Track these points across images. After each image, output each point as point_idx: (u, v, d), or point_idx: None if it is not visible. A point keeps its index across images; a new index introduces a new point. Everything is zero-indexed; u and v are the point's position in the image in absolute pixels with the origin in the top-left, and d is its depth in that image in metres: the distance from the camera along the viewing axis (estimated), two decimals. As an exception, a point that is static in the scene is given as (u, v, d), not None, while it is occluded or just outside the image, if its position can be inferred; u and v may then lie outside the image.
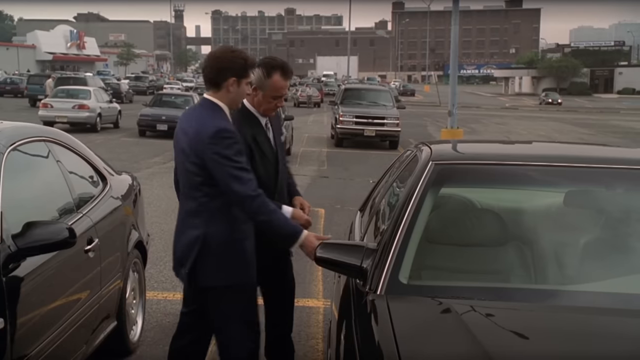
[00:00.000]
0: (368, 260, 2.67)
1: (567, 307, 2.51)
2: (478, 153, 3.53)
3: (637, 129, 33.14)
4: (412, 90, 76.55)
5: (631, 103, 63.46)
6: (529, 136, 26.85)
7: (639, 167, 3.07)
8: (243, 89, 3.29)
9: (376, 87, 27.30)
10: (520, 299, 2.55)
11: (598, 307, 2.49)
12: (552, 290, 2.70)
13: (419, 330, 2.27)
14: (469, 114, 40.18)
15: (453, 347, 2.12)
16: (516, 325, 2.31)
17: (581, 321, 2.39)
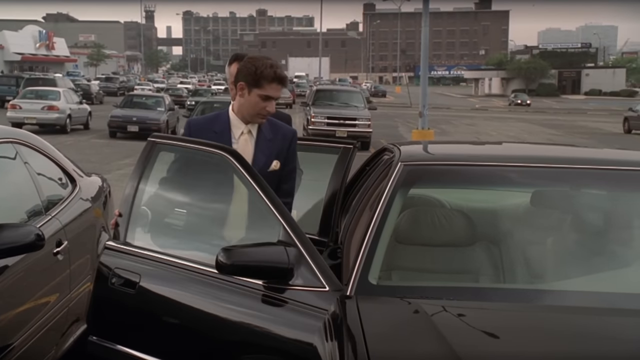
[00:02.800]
0: (295, 260, 2.57)
1: (536, 306, 2.53)
2: (447, 154, 3.56)
3: (603, 129, 33.64)
4: (384, 91, 76.85)
5: (598, 104, 64.39)
6: (499, 137, 27.13)
7: (604, 167, 3.10)
8: (252, 99, 3.21)
9: (348, 88, 27.39)
10: (490, 298, 2.57)
11: (567, 306, 2.51)
12: (521, 289, 2.72)
13: (389, 331, 2.28)
14: (440, 115, 40.48)
15: (423, 347, 2.14)
16: (486, 325, 2.33)
17: (550, 320, 2.41)
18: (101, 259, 3.10)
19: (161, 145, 3.13)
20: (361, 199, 3.34)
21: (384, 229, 2.71)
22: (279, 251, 2.56)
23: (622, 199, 3.13)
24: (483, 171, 3.11)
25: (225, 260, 2.50)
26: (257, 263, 2.54)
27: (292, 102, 45.72)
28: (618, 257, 2.79)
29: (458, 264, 2.93)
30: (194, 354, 2.80)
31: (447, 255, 2.97)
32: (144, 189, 3.10)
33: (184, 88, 46.82)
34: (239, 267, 2.53)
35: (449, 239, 3.04)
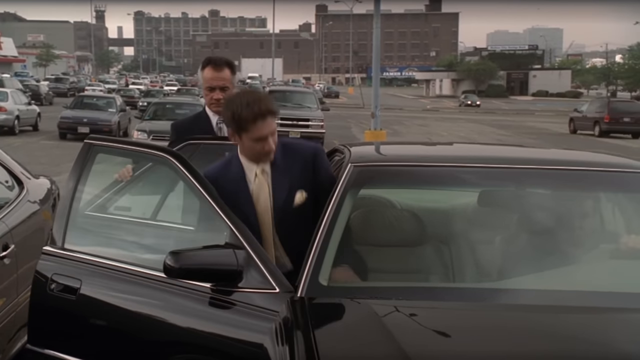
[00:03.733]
0: (243, 261, 2.55)
1: (487, 305, 2.56)
2: (396, 155, 3.58)
3: (550, 130, 34.35)
4: (337, 92, 77.10)
5: (545, 105, 65.69)
6: (450, 137, 27.48)
7: (548, 167, 3.17)
8: (246, 143, 2.92)
9: (301, 89, 27.47)
10: (440, 298, 2.60)
11: (517, 304, 2.55)
12: (471, 288, 2.76)
13: (339, 332, 2.29)
14: (392, 115, 40.81)
15: (373, 348, 2.14)
16: (437, 324, 2.35)
17: (501, 318, 2.45)
18: (38, 265, 2.99)
19: (98, 147, 3.09)
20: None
21: (334, 230, 2.71)
22: (228, 254, 2.56)
23: (567, 198, 3.19)
24: (431, 172, 3.15)
25: (173, 263, 2.49)
26: (205, 266, 2.54)
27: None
28: (565, 255, 2.84)
29: (408, 264, 2.96)
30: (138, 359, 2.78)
31: (398, 255, 2.99)
32: (82, 193, 3.05)
33: (135, 89, 46.26)
34: (187, 270, 2.52)
35: (399, 239, 3.06)
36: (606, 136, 29.64)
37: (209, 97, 3.83)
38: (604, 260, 2.90)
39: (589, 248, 2.93)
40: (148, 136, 15.98)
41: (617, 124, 29.93)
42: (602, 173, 3.16)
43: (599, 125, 30.29)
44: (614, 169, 3.21)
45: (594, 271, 2.81)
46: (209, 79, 3.79)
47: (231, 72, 3.83)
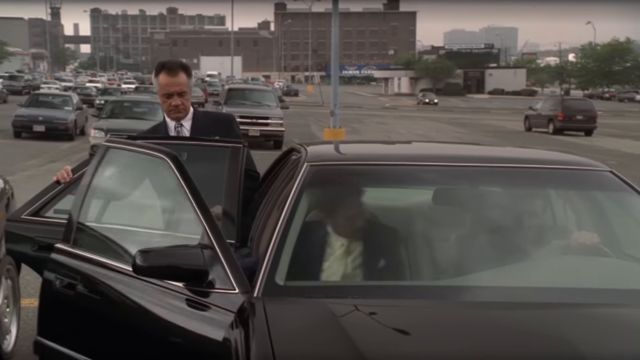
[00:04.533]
0: (211, 262, 2.57)
1: (445, 302, 2.58)
2: (352, 154, 3.60)
3: (506, 127, 34.90)
4: (296, 90, 77.15)
5: (501, 103, 66.63)
6: (408, 135, 27.75)
7: (501, 165, 3.22)
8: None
9: (260, 87, 27.48)
10: (397, 296, 2.62)
11: (474, 302, 2.58)
12: (428, 286, 2.78)
13: (296, 332, 2.29)
14: (351, 113, 41.01)
15: (329, 347, 2.15)
16: (394, 323, 2.36)
17: (459, 315, 2.47)
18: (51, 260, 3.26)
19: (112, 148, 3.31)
20: (269, 199, 3.34)
21: (290, 230, 2.72)
22: (195, 253, 2.58)
23: (520, 195, 3.23)
24: (387, 170, 3.18)
25: (141, 262, 2.54)
26: (171, 265, 2.57)
27: (204, 101, 45.32)
28: (519, 252, 2.87)
29: (366, 263, 2.94)
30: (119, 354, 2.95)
31: (355, 254, 2.95)
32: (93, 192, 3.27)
33: (92, 87, 45.65)
34: (154, 269, 2.56)
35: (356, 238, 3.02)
36: (560, 133, 30.25)
37: (166, 104, 3.71)
38: (557, 256, 2.94)
39: (542, 244, 2.96)
40: (105, 134, 15.84)
41: (570, 121, 30.58)
42: (554, 170, 3.22)
43: (553, 123, 30.91)
44: (565, 167, 3.25)
45: (548, 267, 2.84)
46: (165, 85, 3.68)
47: (187, 76, 3.74)
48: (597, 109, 32.77)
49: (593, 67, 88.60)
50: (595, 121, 31.03)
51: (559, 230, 3.20)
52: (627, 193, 3.08)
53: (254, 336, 2.22)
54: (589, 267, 2.90)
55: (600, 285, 2.73)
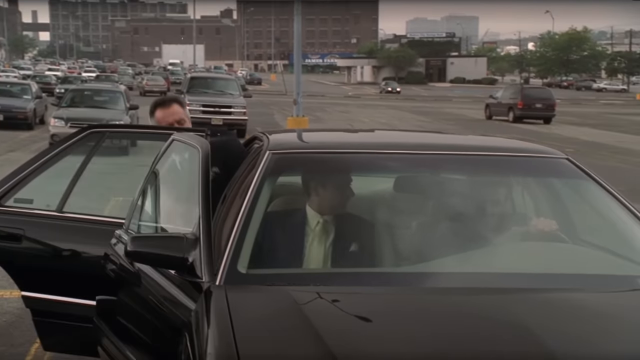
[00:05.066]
0: (192, 251, 2.61)
1: (407, 289, 2.61)
2: (314, 142, 3.60)
3: (467, 116, 35.28)
4: (259, 79, 76.82)
5: (462, 92, 67.24)
6: (371, 124, 27.87)
7: (461, 153, 3.27)
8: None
9: (223, 76, 27.40)
10: (359, 283, 2.65)
11: (436, 288, 2.63)
12: (392, 273, 2.81)
13: (257, 319, 2.30)
14: (314, 102, 41.04)
15: (291, 335, 2.17)
16: (356, 310, 2.38)
17: (422, 301, 2.50)
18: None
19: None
20: (231, 188, 3.32)
21: (252, 218, 2.74)
22: (178, 242, 2.65)
23: (479, 182, 3.26)
24: (349, 158, 3.20)
25: (131, 247, 2.66)
26: (154, 252, 2.66)
27: (166, 90, 44.93)
28: (480, 239, 2.91)
29: (328, 251, 2.96)
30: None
31: (318, 242, 2.99)
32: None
33: (52, 75, 44.91)
34: (140, 254, 2.68)
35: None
36: (520, 122, 30.68)
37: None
38: (516, 242, 2.98)
39: (502, 231, 3.00)
40: (66, 124, 15.63)
41: (529, 110, 31.04)
42: (512, 158, 3.26)
43: (513, 111, 31.34)
44: (523, 154, 3.29)
45: (508, 253, 2.89)
46: (162, 118, 3.95)
47: (180, 106, 4.01)
48: (555, 98, 33.34)
49: (552, 56, 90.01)
50: (553, 109, 31.55)
51: (518, 217, 3.24)
52: (583, 180, 3.13)
53: (216, 324, 2.23)
54: (547, 253, 2.94)
55: (558, 270, 2.78)
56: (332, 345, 2.06)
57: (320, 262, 2.93)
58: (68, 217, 3.74)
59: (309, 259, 2.94)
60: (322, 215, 3.01)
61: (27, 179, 3.77)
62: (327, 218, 3.01)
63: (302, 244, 2.96)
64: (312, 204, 3.04)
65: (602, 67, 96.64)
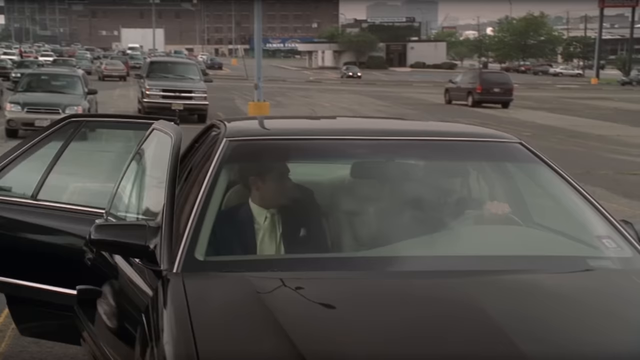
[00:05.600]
0: (155, 239, 2.62)
1: (367, 274, 2.63)
2: (272, 129, 3.60)
3: (427, 100, 35.52)
4: (220, 63, 76.28)
5: (422, 76, 67.61)
6: (332, 108, 27.93)
7: (417, 138, 3.30)
8: None
9: (183, 60, 27.15)
10: (319, 268, 2.67)
11: (395, 271, 2.65)
12: (349, 257, 2.85)
13: (215, 308, 2.29)
14: (276, 87, 40.92)
15: (249, 322, 2.16)
16: (316, 296, 2.40)
17: (381, 286, 2.52)
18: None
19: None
20: (189, 176, 3.32)
21: (210, 205, 2.73)
22: (140, 230, 2.68)
23: (435, 167, 3.32)
24: (306, 145, 3.20)
25: (94, 236, 2.68)
26: (116, 240, 2.68)
27: (126, 75, 44.36)
28: (436, 223, 2.95)
29: (287, 236, 2.98)
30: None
31: (276, 229, 3.00)
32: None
33: (8, 59, 43.94)
34: (103, 242, 2.71)
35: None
36: (479, 106, 31.01)
37: None
38: (471, 226, 3.03)
39: (457, 215, 3.05)
40: (22, 109, 15.38)
41: (488, 94, 31.39)
42: (467, 143, 3.30)
43: (472, 96, 31.66)
44: (478, 139, 3.34)
45: (463, 237, 2.93)
46: None
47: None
48: (513, 82, 33.75)
49: (510, 41, 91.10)
50: (511, 94, 31.96)
51: (473, 201, 3.29)
52: (536, 164, 3.17)
53: (173, 311, 2.23)
54: (502, 236, 2.99)
55: (514, 252, 2.84)
56: (295, 338, 2.03)
57: (280, 248, 2.94)
58: (41, 204, 3.83)
59: (267, 245, 2.96)
60: (267, 209, 3.00)
61: (6, 168, 3.89)
62: (273, 211, 3.01)
63: (254, 239, 2.95)
64: (254, 199, 3.04)
65: (559, 52, 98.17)
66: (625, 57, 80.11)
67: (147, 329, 2.36)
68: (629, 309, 2.41)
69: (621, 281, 2.66)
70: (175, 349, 2.02)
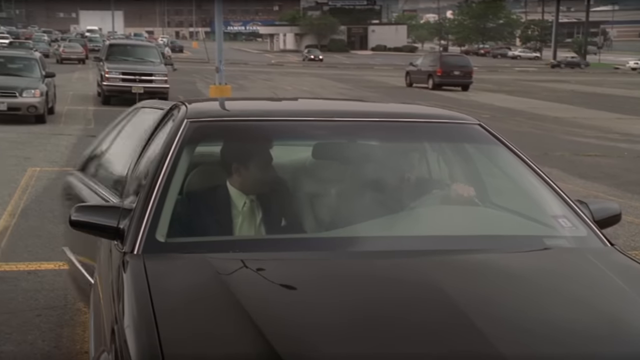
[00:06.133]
0: (125, 220, 2.64)
1: (327, 253, 2.63)
2: (233, 110, 3.57)
3: (388, 83, 35.71)
4: (181, 46, 75.51)
5: (383, 59, 67.84)
6: (294, 92, 27.89)
7: (377, 120, 3.33)
8: None
9: (143, 43, 26.82)
10: (280, 248, 2.68)
11: (357, 251, 2.66)
12: (310, 238, 2.85)
13: (176, 289, 2.29)
14: (237, 70, 40.68)
15: (211, 303, 2.16)
16: (276, 277, 2.40)
17: (343, 267, 2.53)
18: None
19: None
20: (150, 157, 3.28)
21: (170, 187, 2.73)
22: (114, 212, 2.71)
23: (396, 148, 3.34)
24: (267, 126, 3.20)
25: (72, 217, 2.72)
26: (91, 221, 2.72)
27: (85, 58, 43.64)
28: (397, 203, 2.96)
29: (249, 218, 2.98)
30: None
31: (238, 210, 3.00)
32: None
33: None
34: (81, 223, 2.73)
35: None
36: (439, 89, 31.30)
37: None
38: (431, 206, 3.06)
39: (418, 195, 3.08)
40: (-22, 93, 15.09)
41: (448, 77, 31.68)
42: (427, 124, 3.33)
43: (432, 79, 31.92)
44: (437, 120, 3.37)
45: (424, 217, 2.95)
46: None
47: None
48: (473, 65, 34.11)
49: (469, 24, 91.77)
50: (471, 76, 32.31)
51: (433, 182, 3.35)
52: (494, 145, 3.20)
53: (133, 292, 2.23)
54: (462, 216, 3.02)
55: (473, 232, 2.87)
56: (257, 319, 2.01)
57: (241, 229, 2.94)
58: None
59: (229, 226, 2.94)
60: (247, 195, 3.00)
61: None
62: (252, 197, 3.00)
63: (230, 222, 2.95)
64: (234, 183, 3.02)
65: (517, 35, 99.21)
66: (581, 40, 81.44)
67: (112, 311, 2.35)
68: (583, 287, 2.45)
69: (576, 259, 2.70)
70: (136, 333, 2.00)
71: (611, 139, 16.51)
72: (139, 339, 1.96)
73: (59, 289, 5.12)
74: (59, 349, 4.14)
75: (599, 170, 11.78)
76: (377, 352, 1.93)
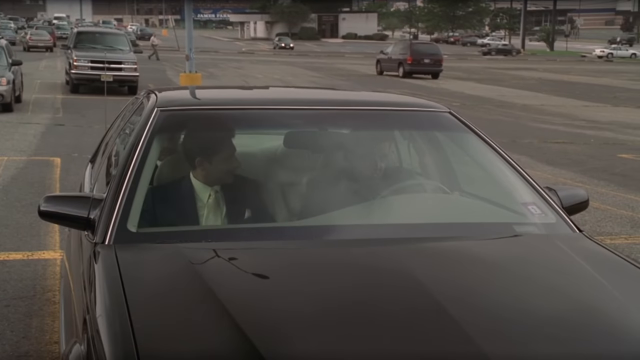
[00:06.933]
0: (96, 211, 2.61)
1: (300, 242, 2.63)
2: (203, 99, 3.54)
3: (359, 71, 35.72)
4: (150, 34, 74.53)
5: (354, 47, 67.85)
6: (265, 80, 27.81)
7: (348, 108, 3.34)
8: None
9: (112, 31, 26.46)
10: (253, 238, 2.65)
11: (330, 240, 2.66)
12: (283, 227, 2.86)
13: (148, 278, 2.29)
14: (208, 58, 40.43)
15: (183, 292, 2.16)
16: (250, 266, 2.39)
17: (317, 255, 2.52)
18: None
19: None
20: (120, 146, 3.26)
21: (142, 176, 2.71)
22: (84, 202, 2.67)
23: (366, 136, 3.34)
24: (239, 115, 3.19)
25: (41, 207, 2.68)
26: (61, 211, 2.68)
27: (52, 45, 42.98)
28: (369, 192, 2.96)
29: (221, 207, 2.96)
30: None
31: (210, 200, 2.97)
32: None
33: None
34: (49, 213, 2.69)
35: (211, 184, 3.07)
36: (409, 77, 31.44)
37: None
38: (404, 194, 3.05)
39: (390, 184, 3.07)
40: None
41: (418, 65, 31.83)
42: (397, 112, 3.36)
43: (402, 67, 32.04)
44: (407, 108, 3.40)
45: (397, 205, 2.95)
46: None
47: None
48: (443, 53, 34.29)
49: (439, 12, 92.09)
50: (441, 64, 32.48)
51: (404, 170, 3.36)
52: (464, 133, 3.21)
53: (105, 282, 2.21)
54: (432, 204, 3.06)
55: (444, 220, 2.89)
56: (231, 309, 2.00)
57: (214, 219, 2.93)
58: None
59: (201, 216, 2.92)
60: (212, 187, 2.97)
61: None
62: (217, 189, 2.98)
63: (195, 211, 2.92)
64: (197, 175, 2.98)
65: (486, 24, 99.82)
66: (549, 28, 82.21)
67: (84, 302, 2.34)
68: (552, 273, 2.47)
69: (545, 246, 2.72)
70: (108, 322, 1.99)
71: (578, 126, 16.75)
72: (111, 328, 1.94)
73: (28, 279, 5.10)
74: (28, 339, 4.11)
75: (566, 157, 11.95)
76: (351, 339, 1.94)
